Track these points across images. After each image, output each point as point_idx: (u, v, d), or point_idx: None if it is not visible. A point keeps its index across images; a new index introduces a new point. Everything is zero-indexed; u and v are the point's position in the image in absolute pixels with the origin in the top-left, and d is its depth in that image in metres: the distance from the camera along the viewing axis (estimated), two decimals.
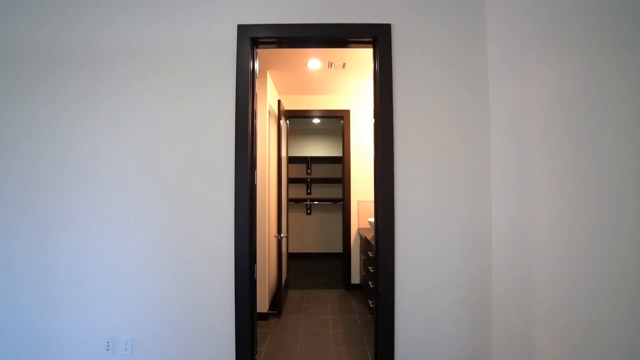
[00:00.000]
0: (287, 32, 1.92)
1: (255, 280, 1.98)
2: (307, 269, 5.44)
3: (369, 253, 3.26)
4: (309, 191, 6.33)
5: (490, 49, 1.89)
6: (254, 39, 1.94)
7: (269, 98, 3.44)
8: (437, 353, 1.86)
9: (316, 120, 6.15)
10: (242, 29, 1.92)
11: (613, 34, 1.15)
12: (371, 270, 3.12)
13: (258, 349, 2.67)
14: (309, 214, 6.31)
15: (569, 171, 1.32)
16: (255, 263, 1.97)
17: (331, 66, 3.22)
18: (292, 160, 6.06)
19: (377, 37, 1.92)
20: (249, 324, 1.88)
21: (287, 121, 4.15)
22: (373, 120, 2.03)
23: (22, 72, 1.88)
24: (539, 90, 1.51)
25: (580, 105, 1.27)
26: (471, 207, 1.88)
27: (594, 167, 1.21)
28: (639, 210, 1.05)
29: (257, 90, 2.05)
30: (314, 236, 6.29)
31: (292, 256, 5.92)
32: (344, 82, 3.77)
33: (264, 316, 3.29)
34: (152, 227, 1.88)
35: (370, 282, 3.17)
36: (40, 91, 1.88)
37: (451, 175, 1.89)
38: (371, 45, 2.01)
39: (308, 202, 6.23)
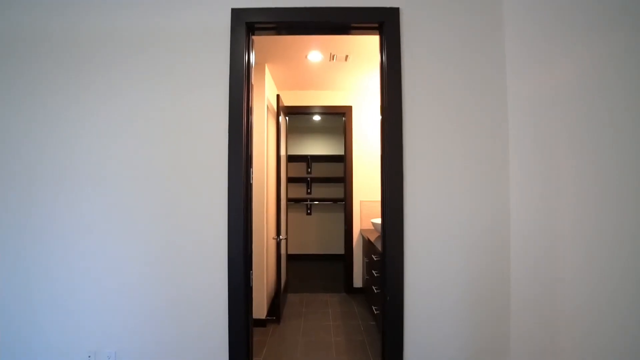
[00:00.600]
0: (285, 16, 1.76)
1: (251, 288, 1.81)
2: (307, 271, 5.28)
3: (373, 256, 3.09)
4: (309, 191, 6.17)
5: (507, 35, 1.72)
6: (250, 25, 1.78)
7: (267, 92, 3.27)
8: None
9: (317, 117, 5.98)
10: (236, 14, 1.75)
11: None
12: (375, 275, 2.96)
13: (255, 359, 2.51)
14: (309, 214, 6.15)
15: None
16: (251, 269, 1.81)
17: (333, 58, 3.05)
18: (291, 158, 5.90)
19: (384, 22, 1.76)
20: (243, 334, 1.71)
21: (287, 118, 3.99)
22: (379, 117, 1.87)
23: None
24: (560, 83, 1.36)
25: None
26: (488, 206, 1.72)
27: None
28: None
29: (253, 81, 1.88)
30: (314, 237, 6.13)
31: (291, 257, 5.76)
32: (346, 76, 3.61)
33: (261, 322, 3.12)
34: (138, 231, 1.72)
35: (374, 287, 3.00)
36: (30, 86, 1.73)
37: (465, 174, 1.73)
38: (377, 31, 1.84)
39: (308, 202, 6.07)
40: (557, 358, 1.38)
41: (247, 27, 1.76)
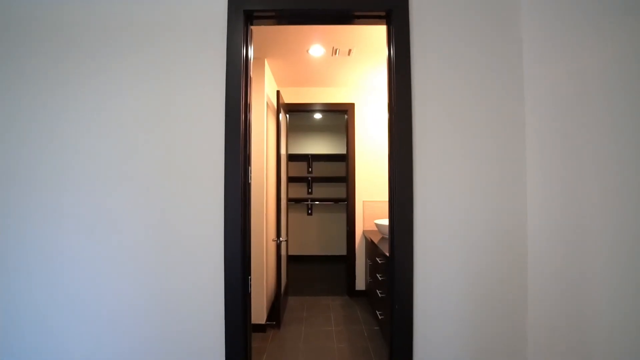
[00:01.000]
0: (286, 3, 1.64)
1: (249, 295, 1.70)
2: (307, 273, 5.17)
3: (377, 259, 2.97)
4: (309, 190, 6.05)
5: (524, 24, 1.60)
6: (248, 13, 1.66)
7: (267, 89, 3.15)
8: None
9: (318, 116, 5.86)
10: (233, 1, 1.63)
11: None
12: (380, 278, 2.84)
13: None
14: (310, 214, 6.03)
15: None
16: (249, 274, 1.70)
17: (335, 53, 2.93)
18: (292, 157, 5.79)
19: (392, 10, 1.63)
20: (242, 341, 1.59)
21: (287, 115, 3.87)
22: (385, 114, 1.75)
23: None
24: (583, 81, 1.24)
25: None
26: (505, 206, 1.60)
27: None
28: None
29: (251, 74, 1.76)
30: (315, 238, 6.02)
31: (291, 259, 5.65)
32: (349, 72, 3.49)
33: (261, 328, 3.01)
34: (133, 233, 1.60)
35: (378, 291, 2.88)
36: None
37: (480, 174, 1.61)
38: (384, 21, 1.72)
39: (309, 202, 5.95)
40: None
41: (245, 15, 1.64)
